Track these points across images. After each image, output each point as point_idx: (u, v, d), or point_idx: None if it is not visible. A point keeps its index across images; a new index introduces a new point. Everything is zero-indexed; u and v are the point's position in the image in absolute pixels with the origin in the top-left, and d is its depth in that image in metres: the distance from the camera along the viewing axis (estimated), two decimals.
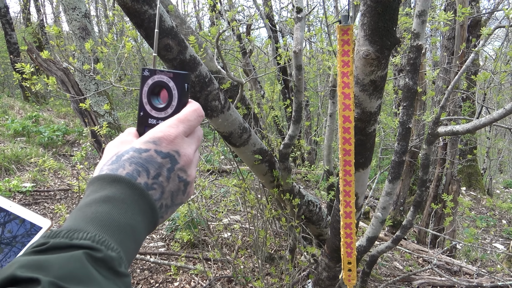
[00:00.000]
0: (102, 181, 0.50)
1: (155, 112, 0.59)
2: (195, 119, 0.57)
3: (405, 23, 3.55)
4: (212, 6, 5.30)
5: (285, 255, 3.17)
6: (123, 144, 0.55)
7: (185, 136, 0.56)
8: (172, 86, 0.58)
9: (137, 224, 0.49)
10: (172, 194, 0.54)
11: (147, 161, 0.52)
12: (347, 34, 1.45)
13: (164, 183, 0.53)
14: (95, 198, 0.48)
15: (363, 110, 1.68)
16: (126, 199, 0.48)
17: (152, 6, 1.73)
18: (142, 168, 0.51)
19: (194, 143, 0.57)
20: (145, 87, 0.59)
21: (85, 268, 0.41)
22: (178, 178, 0.54)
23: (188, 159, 0.55)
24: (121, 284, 0.44)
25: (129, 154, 0.52)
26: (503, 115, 2.30)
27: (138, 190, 0.50)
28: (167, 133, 0.54)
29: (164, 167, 0.52)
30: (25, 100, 9.44)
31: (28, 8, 12.96)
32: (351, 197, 1.60)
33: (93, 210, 0.47)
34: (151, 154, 0.52)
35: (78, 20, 6.29)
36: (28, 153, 5.25)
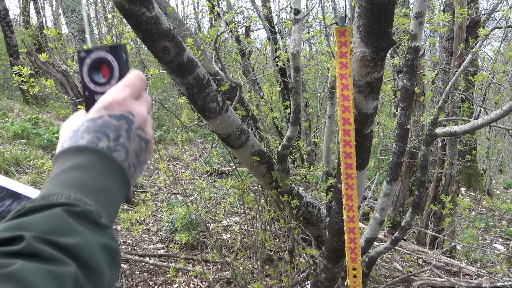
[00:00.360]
0: (66, 154, 0.50)
1: (99, 87, 0.60)
2: (139, 82, 0.58)
3: (403, 24, 3.56)
4: (211, 8, 5.31)
5: (284, 256, 3.17)
6: (75, 121, 0.56)
7: (134, 98, 0.57)
8: (111, 59, 0.59)
9: (110, 186, 0.49)
10: (136, 154, 0.55)
11: (103, 126, 0.52)
12: (344, 35, 1.45)
13: (126, 144, 0.54)
14: (64, 168, 0.48)
15: (359, 111, 1.68)
16: (93, 164, 0.49)
17: (149, 9, 1.73)
18: (101, 134, 0.52)
19: (145, 105, 0.58)
20: (84, 67, 0.60)
21: (66, 222, 0.41)
22: (138, 137, 0.56)
23: (142, 118, 0.56)
24: (104, 234, 0.44)
25: (84, 126, 0.53)
26: (500, 116, 2.30)
27: (103, 155, 0.50)
28: (116, 96, 0.55)
29: (122, 128, 0.53)
30: (25, 103, 9.44)
31: (28, 10, 12.98)
32: (353, 201, 1.59)
33: (64, 178, 0.47)
34: (106, 119, 0.53)
35: (77, 22, 6.30)
36: (28, 155, 5.25)
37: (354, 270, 1.65)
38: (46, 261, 0.38)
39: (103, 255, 0.43)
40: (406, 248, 4.87)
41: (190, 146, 8.37)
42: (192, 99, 2.07)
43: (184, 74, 1.94)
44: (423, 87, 4.98)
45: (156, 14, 1.74)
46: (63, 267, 0.38)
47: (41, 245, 0.38)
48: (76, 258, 0.40)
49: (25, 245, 0.37)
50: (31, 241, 0.38)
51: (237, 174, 3.48)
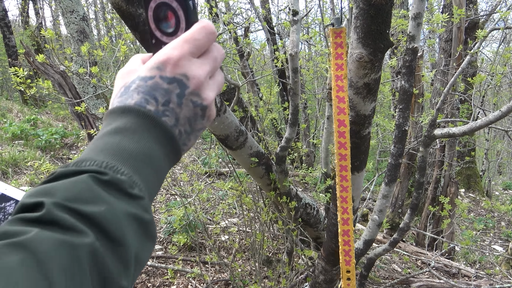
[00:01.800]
0: (113, 114, 0.48)
1: (166, 38, 0.53)
2: (203, 37, 0.50)
3: (401, 25, 3.56)
4: (209, 9, 5.31)
5: (282, 258, 3.16)
6: (130, 74, 0.52)
7: (194, 57, 0.50)
8: (175, 6, 0.52)
9: (153, 152, 0.46)
10: (189, 120, 0.51)
11: (153, 88, 0.48)
12: (340, 37, 1.45)
13: (176, 109, 0.49)
14: (106, 131, 0.46)
15: (357, 113, 1.67)
16: (137, 128, 0.46)
17: None
18: (150, 96, 0.48)
19: (207, 64, 0.52)
20: (149, 11, 0.54)
21: (92, 189, 0.39)
22: (192, 103, 0.50)
23: (198, 82, 0.50)
24: (135, 205, 0.42)
25: (136, 83, 0.49)
26: (499, 117, 2.30)
27: (149, 118, 0.47)
28: (170, 55, 0.49)
29: (173, 92, 0.49)
30: (24, 103, 9.43)
31: (27, 11, 12.98)
32: (348, 203, 1.59)
33: (104, 141, 0.45)
34: (157, 80, 0.48)
35: (76, 23, 6.29)
36: (26, 156, 5.24)
37: (348, 272, 1.64)
38: (63, 230, 0.36)
39: (131, 226, 0.40)
40: (405, 249, 4.87)
41: None
42: None
43: None
44: (421, 88, 4.98)
45: None
46: (80, 237, 0.36)
47: (61, 213, 0.37)
48: (98, 227, 0.38)
49: (45, 212, 0.36)
50: (51, 208, 0.36)
51: (236, 176, 3.47)
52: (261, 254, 3.03)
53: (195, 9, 0.53)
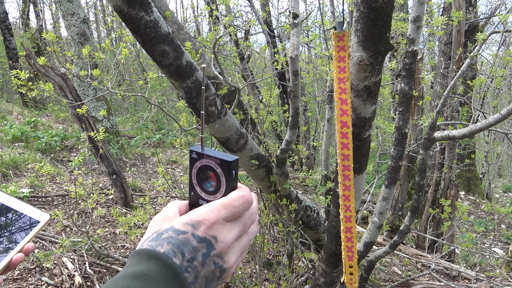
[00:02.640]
0: (141, 256, 0.50)
1: (205, 194, 0.59)
2: (240, 205, 0.55)
3: (401, 28, 3.57)
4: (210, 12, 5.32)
5: (283, 260, 3.16)
6: (165, 222, 0.55)
7: (227, 221, 0.55)
8: (219, 172, 0.58)
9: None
10: (206, 280, 0.53)
11: (183, 243, 0.51)
12: (342, 40, 1.46)
13: (198, 268, 0.52)
14: (131, 272, 0.48)
15: (357, 115, 1.68)
16: (158, 278, 0.48)
17: (148, 13, 1.74)
18: (178, 250, 0.51)
19: (237, 229, 0.56)
20: (194, 169, 0.60)
21: None
22: (213, 264, 0.53)
23: (225, 246, 0.54)
24: None
25: (168, 233, 0.52)
26: (499, 120, 2.30)
27: (172, 271, 0.49)
28: (207, 217, 0.53)
29: (200, 251, 0.52)
30: (24, 106, 9.44)
31: (27, 13, 13.00)
32: (350, 201, 1.60)
33: (125, 284, 0.46)
34: (188, 237, 0.52)
35: (77, 26, 6.31)
36: (26, 158, 5.24)
37: (351, 267, 1.67)
38: None
39: None
40: (405, 252, 4.87)
41: (188, 150, 8.36)
42: (191, 103, 2.07)
43: (182, 77, 1.94)
44: (421, 91, 4.99)
45: (155, 17, 1.75)
46: None
47: None
48: None
49: None
50: None
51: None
52: (262, 256, 3.03)
53: (236, 177, 0.58)
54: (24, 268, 3.19)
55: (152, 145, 8.09)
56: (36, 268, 3.19)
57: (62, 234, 3.81)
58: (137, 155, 7.00)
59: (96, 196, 3.18)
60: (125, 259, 3.50)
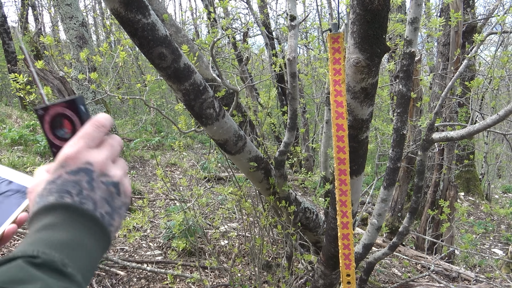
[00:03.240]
0: (37, 216, 0.50)
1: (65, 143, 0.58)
2: (94, 130, 0.56)
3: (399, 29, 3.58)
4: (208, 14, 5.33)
5: (282, 262, 3.16)
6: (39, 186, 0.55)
7: (91, 148, 0.55)
8: (70, 113, 0.58)
9: (83, 238, 0.49)
10: (106, 200, 0.54)
11: (63, 185, 0.52)
12: (337, 42, 1.46)
13: (90, 194, 0.52)
14: (34, 230, 0.48)
15: (355, 117, 1.68)
16: (63, 221, 0.48)
17: (145, 15, 1.74)
18: (63, 192, 0.51)
19: (105, 151, 0.57)
20: (45, 125, 0.59)
21: (26, 271, 0.41)
22: (103, 184, 0.54)
23: (102, 163, 0.55)
24: (69, 282, 0.43)
25: (47, 189, 0.52)
26: (497, 121, 2.31)
27: (70, 209, 0.50)
28: (69, 152, 0.54)
29: (82, 181, 0.52)
30: (23, 109, 9.44)
31: (26, 17, 13.01)
32: (347, 206, 1.60)
33: (33, 238, 0.47)
34: (64, 177, 0.52)
35: (75, 29, 6.31)
36: (25, 162, 5.24)
37: (348, 276, 1.65)
38: None
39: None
40: (405, 253, 4.86)
41: (188, 152, 8.37)
42: (189, 106, 2.07)
43: (180, 80, 1.95)
44: (420, 92, 5.00)
45: (152, 20, 1.75)
46: None
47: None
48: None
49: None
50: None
51: (235, 180, 3.48)
52: (261, 258, 3.03)
53: (87, 111, 0.59)
54: None
55: (151, 147, 8.10)
56: None
57: None
58: (136, 158, 7.00)
59: None
60: (124, 262, 3.50)
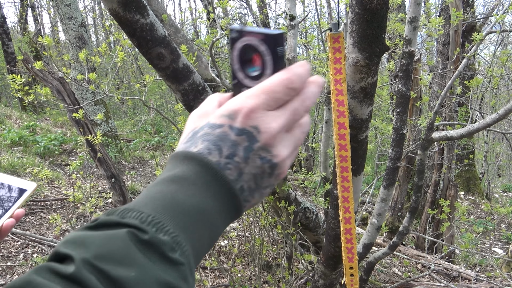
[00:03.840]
0: (175, 159, 0.45)
1: (249, 81, 0.51)
2: (282, 90, 0.45)
3: (398, 28, 3.57)
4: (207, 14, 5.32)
5: (282, 262, 3.16)
6: (201, 118, 0.49)
7: (270, 109, 0.46)
8: (263, 50, 0.49)
9: (208, 208, 0.43)
10: (254, 177, 0.46)
11: (220, 139, 0.44)
12: (338, 41, 1.46)
13: (241, 164, 0.45)
14: (164, 177, 0.44)
15: (354, 117, 1.68)
16: (196, 180, 0.43)
17: (144, 16, 1.74)
18: (215, 146, 0.44)
19: (283, 117, 0.46)
20: (234, 51, 0.51)
21: (127, 248, 0.36)
22: (259, 159, 0.45)
23: (270, 136, 0.45)
24: (172, 271, 0.37)
25: (204, 130, 0.46)
26: (496, 120, 2.30)
27: (210, 169, 0.43)
28: (244, 104, 0.45)
29: (240, 145, 0.44)
30: (23, 110, 9.43)
31: (25, 17, 13.01)
32: (350, 202, 1.60)
33: (157, 190, 0.42)
34: (225, 130, 0.45)
35: (75, 30, 6.31)
36: (25, 162, 5.24)
37: (351, 269, 1.67)
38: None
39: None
40: (405, 253, 4.86)
41: None
42: (188, 106, 2.07)
43: (179, 80, 1.94)
44: (419, 91, 5.00)
45: (151, 21, 1.75)
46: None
47: (88, 273, 0.34)
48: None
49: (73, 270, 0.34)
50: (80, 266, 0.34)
51: None
52: (261, 258, 3.02)
53: (283, 56, 0.51)
54: (23, 272, 3.18)
55: (151, 148, 8.09)
56: None
57: (60, 238, 3.80)
58: (136, 158, 7.00)
59: (95, 200, 3.18)
60: None
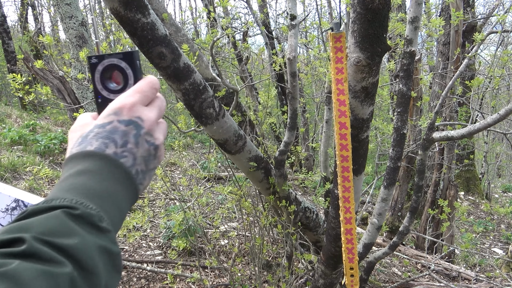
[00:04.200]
0: (74, 159, 0.51)
1: (113, 95, 0.59)
2: (149, 90, 0.58)
3: (399, 28, 3.57)
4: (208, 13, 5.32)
5: (282, 262, 3.15)
6: (84, 127, 0.56)
7: (143, 105, 0.57)
8: (124, 66, 0.59)
9: (116, 191, 0.49)
10: (144, 159, 0.55)
11: (112, 132, 0.52)
12: (339, 41, 1.45)
13: (133, 149, 0.53)
14: (70, 173, 0.49)
15: (355, 117, 1.68)
16: (99, 170, 0.49)
17: (145, 15, 1.74)
18: (109, 140, 0.52)
19: (155, 111, 0.58)
20: (96, 74, 0.60)
21: (65, 223, 0.42)
22: (146, 143, 0.55)
23: (151, 123, 0.56)
24: (104, 237, 0.44)
25: (94, 132, 0.53)
26: (497, 120, 2.30)
27: (109, 160, 0.50)
28: (126, 102, 0.55)
29: (130, 133, 0.53)
30: (23, 109, 9.43)
31: (25, 16, 13.00)
32: (350, 202, 1.60)
33: (69, 182, 0.48)
34: (115, 124, 0.53)
35: (75, 29, 6.30)
36: (25, 161, 5.23)
37: (352, 269, 1.66)
38: (43, 261, 0.38)
39: (100, 257, 0.43)
40: (405, 253, 4.86)
41: (187, 152, 8.36)
42: (189, 105, 2.07)
43: (180, 80, 1.94)
44: (420, 91, 4.99)
45: (152, 20, 1.74)
46: (59, 267, 0.38)
47: (40, 245, 0.39)
48: (73, 259, 0.40)
49: (26, 246, 0.38)
50: (31, 241, 0.38)
51: (235, 180, 3.47)
52: (261, 258, 3.02)
53: (141, 67, 0.61)
54: None
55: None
56: None
57: None
58: None
59: None
60: (124, 261, 3.49)
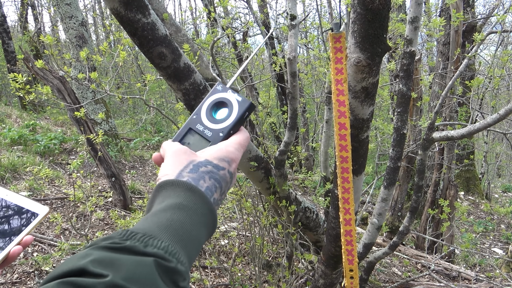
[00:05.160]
0: (178, 188, 0.54)
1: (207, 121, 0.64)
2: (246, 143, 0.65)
3: (399, 28, 3.57)
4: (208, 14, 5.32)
5: (282, 262, 3.16)
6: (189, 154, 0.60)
7: None
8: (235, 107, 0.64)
9: (202, 237, 0.52)
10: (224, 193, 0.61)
11: (222, 179, 0.58)
12: (339, 41, 1.46)
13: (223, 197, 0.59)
14: (170, 204, 0.51)
15: (355, 117, 1.68)
16: (198, 210, 0.52)
17: (145, 15, 1.74)
18: (219, 185, 0.58)
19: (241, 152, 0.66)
20: (212, 96, 0.65)
21: (152, 275, 0.42)
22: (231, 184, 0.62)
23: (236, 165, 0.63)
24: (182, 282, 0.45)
25: (207, 167, 0.58)
26: (497, 120, 2.31)
27: (208, 204, 0.54)
28: (236, 156, 0.62)
29: (229, 184, 0.60)
30: (23, 109, 9.42)
31: (25, 16, 12.99)
32: (350, 204, 1.60)
33: (168, 217, 0.49)
34: (225, 173, 0.59)
35: (75, 29, 6.30)
36: (25, 161, 5.23)
37: (351, 271, 1.66)
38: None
39: None
40: (405, 252, 4.86)
41: None
42: (189, 105, 2.07)
43: (180, 80, 1.94)
44: (420, 91, 5.00)
45: (152, 20, 1.75)
46: None
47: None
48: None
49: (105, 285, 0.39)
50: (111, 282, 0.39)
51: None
52: (261, 258, 3.02)
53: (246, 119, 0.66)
54: (23, 271, 3.18)
55: (151, 147, 8.09)
56: (35, 271, 3.18)
57: (61, 237, 3.80)
58: (136, 158, 7.00)
59: (95, 199, 3.18)
60: None
